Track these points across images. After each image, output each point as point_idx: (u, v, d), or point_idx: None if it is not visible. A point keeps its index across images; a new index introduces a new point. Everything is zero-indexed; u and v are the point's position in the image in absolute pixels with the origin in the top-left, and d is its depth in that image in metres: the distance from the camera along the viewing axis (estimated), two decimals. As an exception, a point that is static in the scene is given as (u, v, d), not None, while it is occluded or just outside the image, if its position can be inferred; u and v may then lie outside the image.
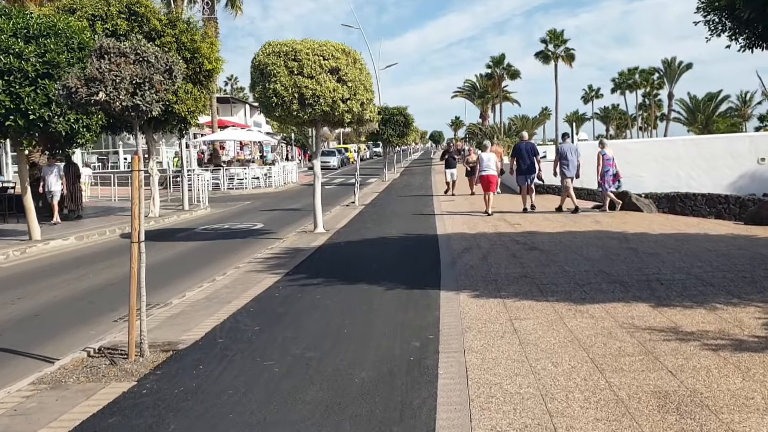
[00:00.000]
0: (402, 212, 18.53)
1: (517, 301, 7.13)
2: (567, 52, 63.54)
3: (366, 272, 9.46)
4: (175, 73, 5.71)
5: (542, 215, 16.12)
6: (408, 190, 28.31)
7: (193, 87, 19.31)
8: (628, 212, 15.80)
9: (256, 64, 13.83)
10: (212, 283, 9.34)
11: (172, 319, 7.28)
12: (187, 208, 22.60)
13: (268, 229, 16.88)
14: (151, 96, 5.49)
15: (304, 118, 13.58)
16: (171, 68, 5.66)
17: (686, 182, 22.43)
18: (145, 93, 5.46)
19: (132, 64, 5.49)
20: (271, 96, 13.37)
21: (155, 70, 5.54)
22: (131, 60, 5.50)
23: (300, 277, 9.34)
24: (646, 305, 6.76)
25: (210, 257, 12.68)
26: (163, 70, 5.62)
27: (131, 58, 5.50)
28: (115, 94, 5.35)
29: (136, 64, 5.51)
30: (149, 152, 21.06)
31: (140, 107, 5.48)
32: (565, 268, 8.94)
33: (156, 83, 5.51)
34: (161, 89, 5.56)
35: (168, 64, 5.66)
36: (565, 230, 13.07)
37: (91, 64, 5.38)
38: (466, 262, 9.76)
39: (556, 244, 11.26)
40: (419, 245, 12.12)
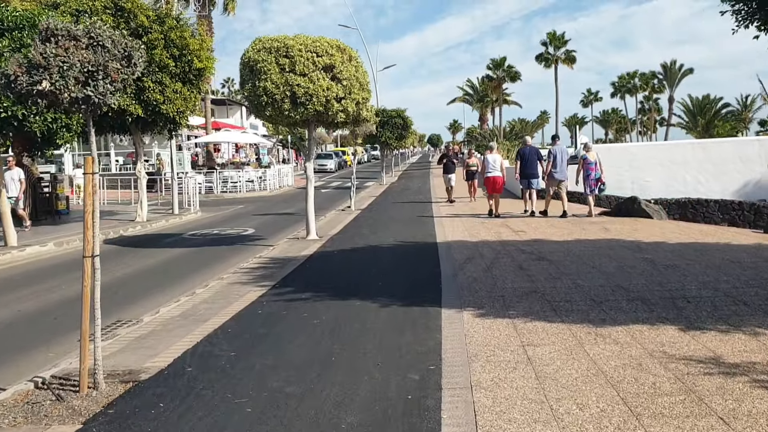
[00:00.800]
0: (399, 217, 17.73)
1: (528, 322, 6.32)
2: (567, 54, 62.73)
3: (359, 285, 8.65)
4: (135, 60, 4.89)
5: (546, 221, 15.32)
6: (406, 194, 27.52)
7: (183, 86, 18.47)
8: (638, 219, 15.01)
9: (245, 61, 13.05)
10: (191, 296, 8.52)
11: (140, 340, 6.46)
12: (176, 212, 21.76)
13: (259, 235, 16.06)
14: (105, 86, 4.67)
15: (296, 118, 12.79)
16: (130, 54, 4.85)
17: (693, 187, 21.61)
18: (98, 82, 4.65)
19: (84, 49, 4.68)
20: (261, 94, 12.59)
21: (111, 56, 4.73)
22: (83, 44, 4.69)
23: (287, 290, 8.52)
24: (674, 328, 5.96)
25: (194, 266, 11.86)
26: (121, 56, 4.80)
27: (83, 42, 4.70)
28: (62, 84, 4.54)
29: (89, 49, 4.70)
30: (137, 154, 20.26)
31: (92, 99, 4.66)
32: (578, 282, 8.14)
33: (111, 71, 4.70)
34: (118, 78, 4.75)
35: (127, 49, 4.85)
36: (573, 238, 12.27)
37: (34, 48, 4.57)
38: (469, 274, 8.95)
39: (566, 253, 10.45)
40: (418, 254, 11.31)
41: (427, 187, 30.83)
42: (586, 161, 15.81)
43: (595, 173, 15.71)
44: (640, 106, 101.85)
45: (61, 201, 21.86)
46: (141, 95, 17.31)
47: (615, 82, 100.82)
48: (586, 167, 15.78)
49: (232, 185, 32.06)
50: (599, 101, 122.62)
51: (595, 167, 15.71)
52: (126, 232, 17.44)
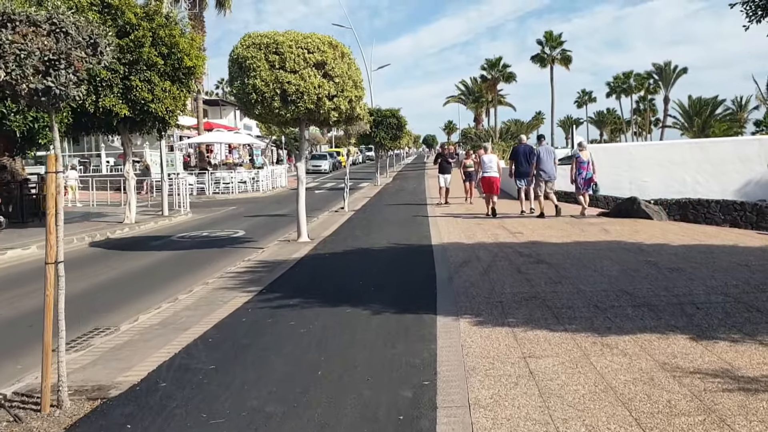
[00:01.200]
0: (393, 219, 17.33)
1: (529, 331, 5.93)
2: (563, 54, 62.41)
3: (351, 290, 8.24)
4: (102, 47, 4.48)
5: (542, 222, 14.93)
6: (400, 195, 27.14)
7: (172, 85, 18.00)
8: (638, 220, 14.64)
9: (234, 58, 12.65)
10: (173, 303, 8.10)
11: (115, 351, 6.04)
12: (166, 214, 21.31)
13: (249, 237, 15.64)
14: (68, 76, 4.26)
15: (286, 117, 12.39)
16: (96, 42, 4.44)
17: (692, 187, 21.31)
18: (60, 72, 4.23)
19: (45, 36, 4.26)
20: (251, 92, 12.18)
21: (75, 43, 4.32)
22: (44, 31, 4.28)
23: (274, 296, 8.11)
24: (685, 337, 5.57)
25: (180, 270, 11.43)
26: (86, 44, 4.39)
27: (44, 29, 4.29)
28: (18, 73, 4.12)
29: (51, 36, 4.29)
30: (125, 154, 19.82)
31: (53, 90, 4.24)
32: (579, 287, 7.75)
33: (75, 60, 4.28)
34: (82, 68, 4.34)
35: (93, 37, 4.44)
36: (572, 240, 11.89)
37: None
38: (465, 279, 8.55)
39: (565, 256, 10.07)
40: (412, 257, 10.92)
41: (422, 188, 30.44)
42: (579, 160, 15.83)
43: (587, 172, 15.71)
44: (635, 106, 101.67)
45: (49, 202, 21.38)
46: (128, 94, 16.86)
47: (610, 82, 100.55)
48: (578, 166, 15.79)
49: (225, 186, 31.60)
50: (594, 102, 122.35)
51: (588, 167, 15.70)
52: (113, 234, 16.99)
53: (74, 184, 27.81)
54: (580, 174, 15.78)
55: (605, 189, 21.59)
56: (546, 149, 16.48)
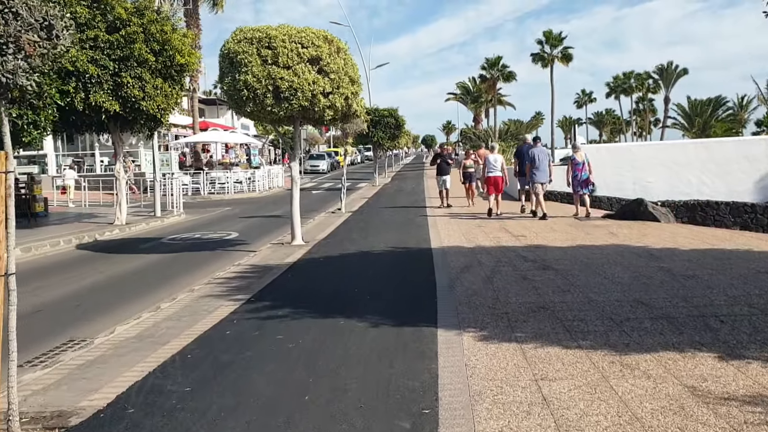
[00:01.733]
0: (392, 221, 16.79)
1: (539, 348, 5.39)
2: (564, 52, 61.76)
3: (345, 299, 7.71)
4: (58, 30, 3.94)
5: (545, 224, 14.41)
6: (399, 196, 26.60)
7: (164, 82, 17.45)
8: (645, 222, 14.11)
9: (225, 53, 12.11)
10: (155, 312, 7.56)
11: (84, 369, 5.50)
12: (158, 215, 20.75)
13: (242, 239, 15.10)
14: (16, 62, 3.72)
15: (279, 114, 11.84)
16: (51, 24, 3.90)
17: (697, 188, 20.78)
18: (7, 57, 3.69)
19: (-8, 17, 3.72)
20: (242, 89, 11.65)
21: (26, 26, 3.77)
22: (-9, 11, 3.73)
23: (263, 305, 7.56)
24: (713, 356, 5.03)
25: (167, 274, 10.89)
26: (40, 26, 3.85)
27: (-9, 9, 3.74)
28: (-42, 59, 3.58)
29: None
30: (116, 153, 19.27)
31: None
32: (590, 296, 7.21)
33: (26, 44, 3.74)
34: (34, 53, 3.80)
35: (48, 18, 3.90)
36: (578, 244, 11.36)
37: (-74, 15, 3.61)
38: (467, 286, 8.01)
39: (572, 261, 9.53)
40: (411, 262, 10.38)
41: (420, 189, 29.90)
42: (574, 162, 15.74)
43: (582, 174, 15.59)
44: (634, 106, 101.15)
45: (39, 203, 20.81)
46: (119, 91, 16.33)
47: (610, 82, 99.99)
48: (573, 168, 15.70)
49: (220, 186, 31.03)
50: (593, 102, 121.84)
51: (583, 168, 15.58)
52: (102, 236, 16.44)
53: (71, 183, 27.24)
54: (575, 176, 15.65)
55: (609, 190, 21.07)
56: (539, 151, 16.30)
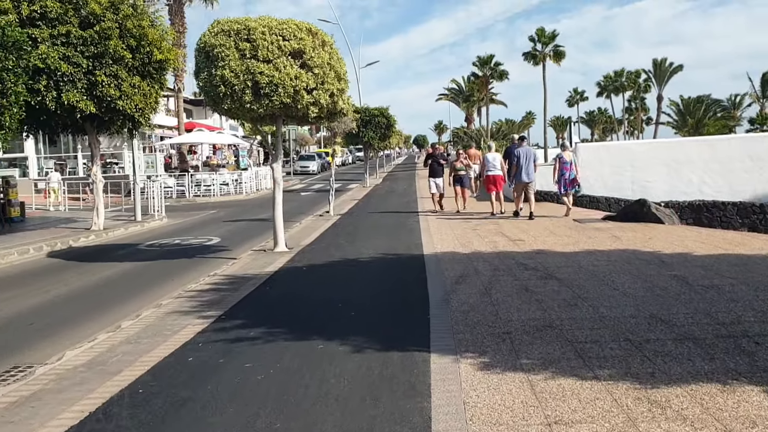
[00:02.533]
0: (382, 224, 15.99)
1: (549, 379, 4.59)
2: (556, 50, 60.97)
3: (327, 316, 6.90)
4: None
5: (545, 227, 13.64)
6: (390, 197, 25.81)
7: (142, 81, 16.57)
8: (648, 225, 13.35)
9: (201, 46, 11.30)
10: (113, 332, 6.73)
11: (14, 410, 4.67)
12: (139, 219, 19.88)
13: (224, 245, 14.27)
14: None
15: (259, 112, 11.03)
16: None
17: (699, 188, 20.08)
18: None
19: None
20: (218, 84, 10.84)
21: None
22: None
23: (235, 324, 6.74)
24: (758, 390, 4.25)
25: (137, 286, 10.06)
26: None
27: None
28: None
29: None
30: (93, 155, 18.38)
31: None
32: (601, 311, 6.43)
33: None
34: None
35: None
36: (581, 249, 10.60)
37: None
38: (464, 300, 7.22)
39: (577, 269, 8.75)
40: (401, 271, 9.57)
41: (412, 190, 29.11)
42: (561, 161, 15.68)
43: (569, 173, 15.55)
44: (626, 105, 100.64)
45: (14, 208, 19.93)
46: (93, 90, 15.46)
47: (601, 81, 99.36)
48: (561, 167, 15.61)
49: (206, 189, 30.15)
50: (585, 101, 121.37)
51: (570, 167, 15.55)
52: (77, 242, 15.58)
53: (56, 186, 26.27)
54: (563, 175, 15.55)
55: (607, 190, 20.38)
56: (525, 150, 16.09)
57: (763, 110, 72.28)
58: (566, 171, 15.50)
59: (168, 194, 29.64)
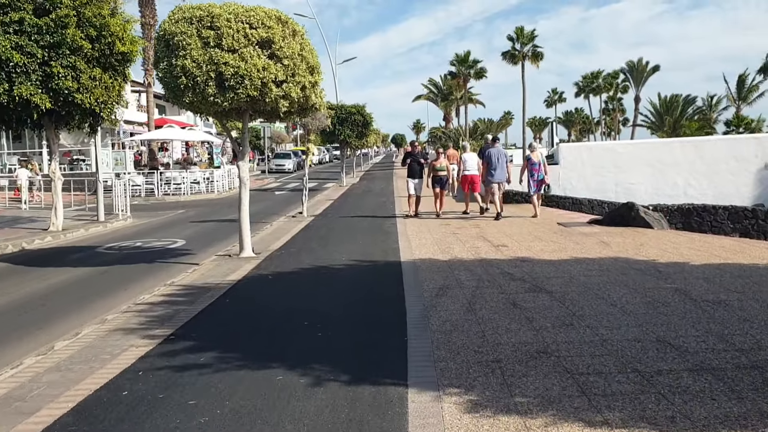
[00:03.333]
0: (357, 227, 15.17)
1: (551, 426, 3.82)
2: (534, 50, 60.45)
3: (290, 337, 6.08)
4: None
5: (529, 232, 12.93)
6: (367, 197, 24.99)
7: (103, 73, 15.56)
8: (637, 229, 12.69)
9: (160, 35, 10.44)
10: (45, 355, 5.84)
11: None
12: (101, 219, 18.83)
13: (187, 248, 13.36)
14: None
15: (223, 106, 10.16)
16: None
17: (684, 190, 19.56)
18: None
19: None
20: (179, 75, 9.96)
21: None
22: None
23: (185, 345, 5.89)
24: (801, 441, 3.51)
25: (87, 295, 9.14)
26: None
27: None
28: None
29: None
30: (51, 152, 17.33)
31: None
32: (600, 333, 5.69)
33: None
34: None
35: None
36: (569, 257, 9.87)
37: None
38: (445, 317, 6.44)
39: (567, 280, 8.02)
40: (376, 281, 8.76)
41: (390, 190, 28.32)
42: (530, 161, 15.69)
43: (538, 174, 15.54)
44: (604, 106, 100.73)
45: (-32, 206, 18.82)
46: (49, 82, 14.43)
47: (579, 82, 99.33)
48: (529, 168, 15.64)
49: (176, 187, 29.07)
50: (563, 102, 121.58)
51: (539, 168, 15.54)
52: (30, 244, 14.55)
53: (25, 184, 25.05)
54: (532, 176, 15.55)
55: (590, 192, 19.75)
56: (497, 151, 16.03)
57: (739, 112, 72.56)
58: (535, 172, 15.49)
59: (136, 193, 28.60)
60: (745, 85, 71.34)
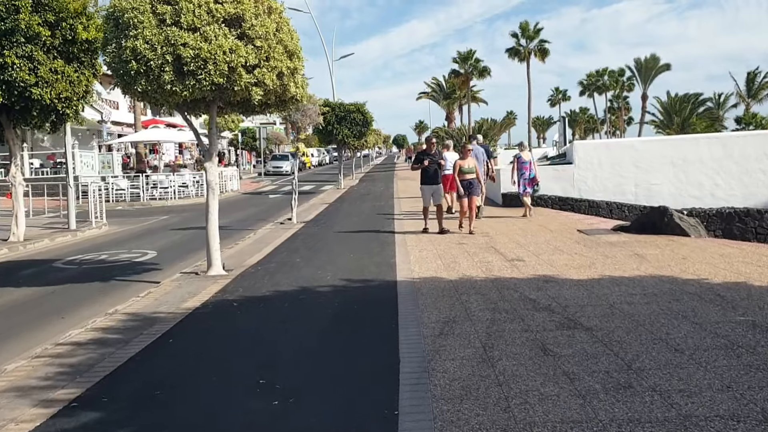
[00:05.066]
0: (350, 235, 13.45)
1: None
2: (541, 46, 58.56)
3: (237, 408, 4.35)
4: None
5: (546, 242, 11.19)
6: (364, 201, 23.24)
7: (66, 65, 13.85)
8: (672, 237, 10.96)
9: (109, 12, 8.77)
10: None
11: None
12: (73, 227, 17.12)
13: (156, 262, 11.68)
14: None
15: (183, 95, 8.47)
16: None
17: (710, 191, 17.79)
18: None
19: None
20: (129, 59, 8.29)
21: None
22: None
23: (85, 421, 4.16)
24: None
25: (13, 326, 7.43)
26: None
27: None
28: None
29: None
30: (11, 154, 15.61)
31: None
32: (676, 403, 3.96)
33: None
34: None
35: None
36: (601, 275, 8.14)
37: None
38: (453, 374, 4.70)
39: (607, 311, 6.28)
40: (364, 313, 7.01)
41: (389, 193, 26.58)
42: (520, 160, 15.58)
43: (529, 173, 15.45)
44: (609, 104, 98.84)
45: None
46: (1, 74, 12.77)
47: (584, 80, 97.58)
48: (520, 166, 15.54)
49: (164, 191, 27.37)
50: (567, 100, 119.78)
51: (529, 167, 15.49)
52: (-18, 257, 12.88)
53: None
54: (522, 175, 15.46)
55: (607, 194, 18.01)
56: (476, 149, 15.29)
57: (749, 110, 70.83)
58: (525, 171, 15.42)
59: (121, 197, 26.95)
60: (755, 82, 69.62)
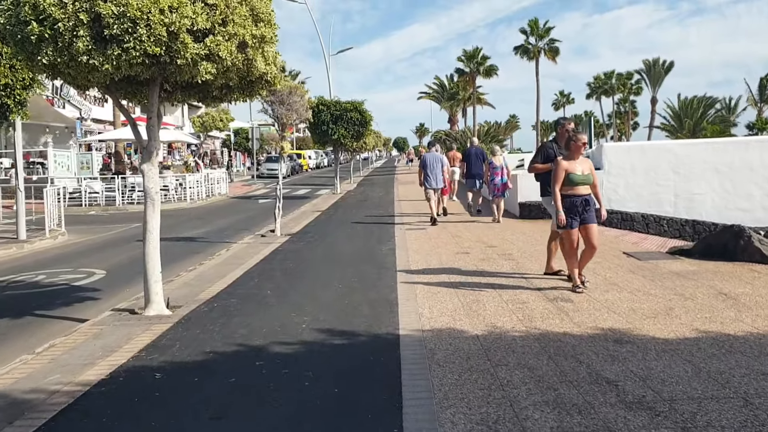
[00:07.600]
0: (341, 253, 11.01)
1: None
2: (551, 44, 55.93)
3: None
4: None
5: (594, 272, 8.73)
6: (361, 208, 20.76)
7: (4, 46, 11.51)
8: (752, 266, 8.48)
9: (9, -43, 6.30)
10: None
11: None
12: (22, 238, 14.68)
13: (98, 288, 9.32)
14: None
15: (106, 69, 5.99)
16: None
17: (761, 203, 15.37)
18: None
19: None
20: (28, 20, 5.90)
21: None
22: None
23: None
24: None
25: None
26: None
27: None
28: None
29: None
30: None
31: None
32: None
33: None
34: None
35: None
36: (692, 330, 5.69)
37: None
38: None
39: (745, 414, 3.84)
40: (348, 403, 4.53)
41: (389, 199, 24.12)
42: (492, 166, 15.58)
43: (500, 178, 15.38)
44: (615, 108, 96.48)
45: None
46: None
47: (591, 83, 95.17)
48: (491, 172, 15.53)
49: (141, 195, 24.86)
50: (571, 104, 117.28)
51: (501, 172, 15.42)
52: None
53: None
54: (492, 180, 15.43)
55: (642, 205, 15.57)
56: (431, 156, 15.59)
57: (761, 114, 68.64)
58: (496, 176, 15.36)
59: (95, 201, 24.55)
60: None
